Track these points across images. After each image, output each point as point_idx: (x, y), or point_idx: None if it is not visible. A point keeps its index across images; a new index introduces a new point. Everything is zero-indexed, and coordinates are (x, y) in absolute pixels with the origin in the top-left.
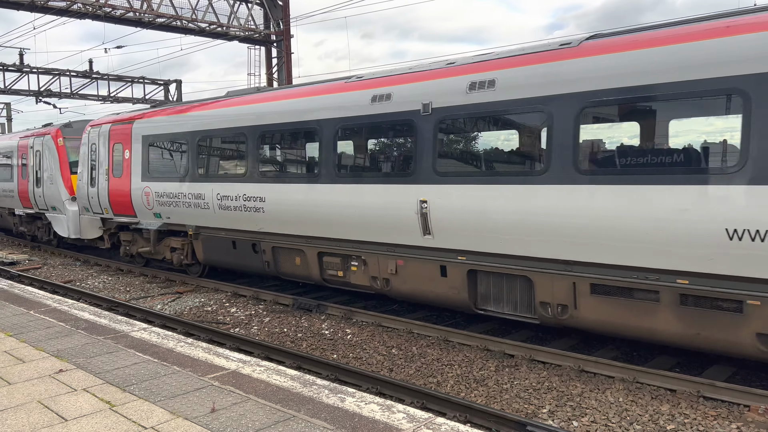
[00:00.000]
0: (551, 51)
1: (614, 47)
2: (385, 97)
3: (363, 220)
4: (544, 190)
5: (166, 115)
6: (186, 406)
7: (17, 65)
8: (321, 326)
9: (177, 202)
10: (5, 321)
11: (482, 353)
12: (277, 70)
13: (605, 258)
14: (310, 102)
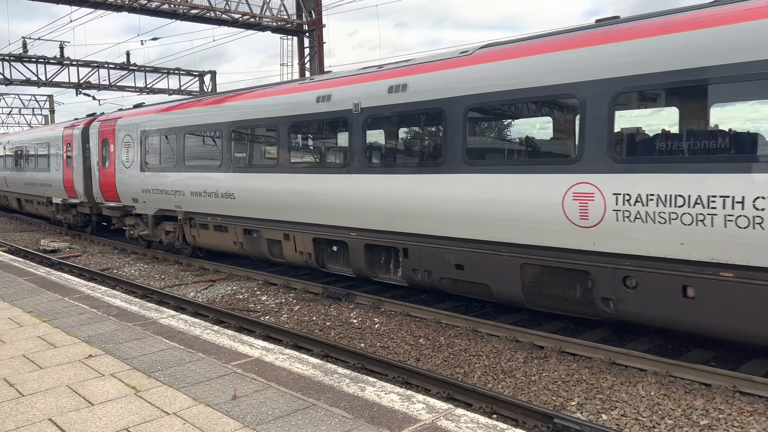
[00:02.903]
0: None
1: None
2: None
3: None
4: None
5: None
6: (208, 392)
7: (58, 58)
8: (349, 315)
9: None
10: (41, 307)
11: (511, 344)
12: (309, 60)
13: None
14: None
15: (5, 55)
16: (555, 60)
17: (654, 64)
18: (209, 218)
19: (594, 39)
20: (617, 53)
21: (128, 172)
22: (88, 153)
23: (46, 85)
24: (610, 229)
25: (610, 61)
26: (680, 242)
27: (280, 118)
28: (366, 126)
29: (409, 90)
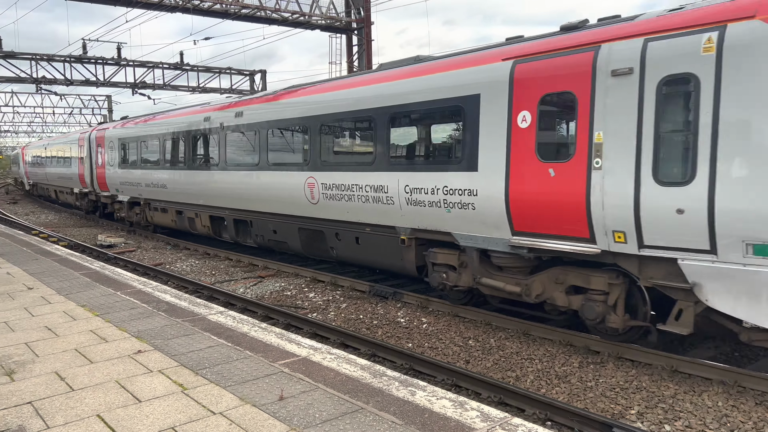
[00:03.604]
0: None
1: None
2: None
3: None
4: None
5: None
6: (255, 392)
7: (115, 59)
8: (397, 314)
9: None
10: (94, 301)
11: (565, 348)
12: (358, 59)
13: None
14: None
15: (66, 57)
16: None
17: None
18: (156, 203)
19: (369, 81)
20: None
21: (111, 169)
22: (92, 154)
23: (104, 85)
24: (322, 203)
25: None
26: (346, 211)
27: (183, 132)
28: (225, 137)
29: (244, 116)
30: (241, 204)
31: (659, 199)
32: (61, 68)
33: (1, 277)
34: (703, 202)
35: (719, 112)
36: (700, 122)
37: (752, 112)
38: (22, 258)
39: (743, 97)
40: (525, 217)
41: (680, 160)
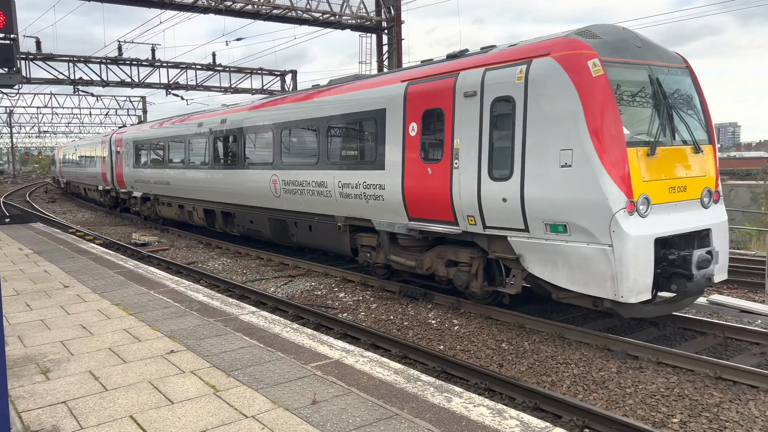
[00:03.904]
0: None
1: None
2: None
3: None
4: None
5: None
6: (287, 395)
7: (150, 60)
8: (428, 315)
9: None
10: (128, 300)
11: (602, 353)
12: (388, 58)
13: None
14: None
15: (102, 59)
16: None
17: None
18: (163, 198)
19: (315, 95)
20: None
21: (127, 168)
22: (112, 154)
23: (138, 86)
24: (283, 197)
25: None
26: (300, 203)
27: (182, 136)
28: (213, 141)
29: (227, 122)
30: (225, 198)
31: (492, 190)
32: (98, 70)
33: (38, 275)
34: (517, 193)
35: (525, 125)
36: (515, 133)
37: (543, 126)
38: (59, 256)
39: (539, 115)
40: (415, 206)
41: (504, 161)
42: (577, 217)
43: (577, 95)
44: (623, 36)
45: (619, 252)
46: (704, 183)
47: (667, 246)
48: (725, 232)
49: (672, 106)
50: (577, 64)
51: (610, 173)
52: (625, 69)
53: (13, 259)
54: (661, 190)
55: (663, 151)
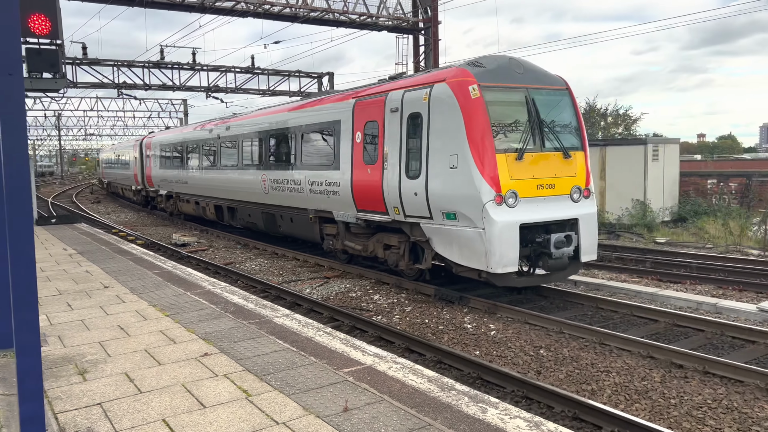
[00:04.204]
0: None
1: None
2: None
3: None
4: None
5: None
6: (319, 402)
7: (191, 64)
8: (463, 319)
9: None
10: (165, 301)
11: (645, 361)
12: (424, 59)
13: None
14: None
15: (145, 63)
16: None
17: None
18: (182, 195)
19: (292, 108)
20: (296, 116)
21: (155, 169)
22: (142, 157)
23: (180, 89)
24: (271, 194)
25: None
26: (283, 199)
27: (196, 141)
28: (219, 145)
29: (230, 129)
30: (229, 195)
31: (408, 187)
32: (141, 74)
33: (80, 275)
34: (423, 188)
35: (429, 136)
36: (423, 141)
37: (439, 136)
38: (100, 256)
39: (437, 127)
40: (360, 200)
41: (416, 163)
42: (462, 207)
43: (460, 113)
44: (506, 65)
45: (488, 234)
46: (573, 182)
47: (547, 232)
48: (592, 222)
49: (542, 120)
50: (461, 89)
51: (482, 173)
52: (501, 92)
53: (57, 259)
54: (528, 187)
55: (531, 156)
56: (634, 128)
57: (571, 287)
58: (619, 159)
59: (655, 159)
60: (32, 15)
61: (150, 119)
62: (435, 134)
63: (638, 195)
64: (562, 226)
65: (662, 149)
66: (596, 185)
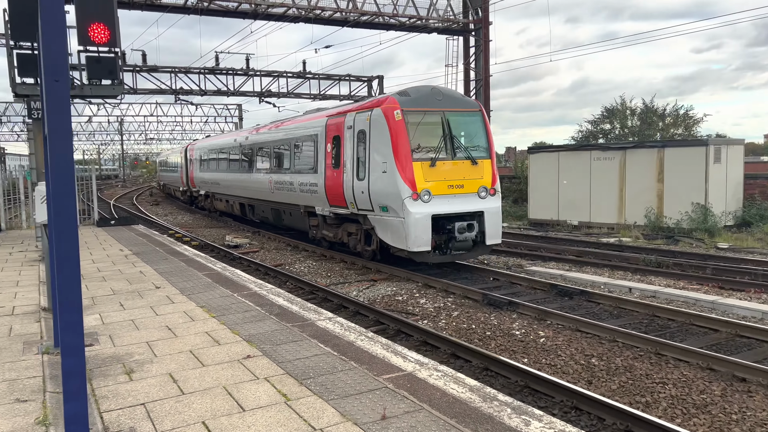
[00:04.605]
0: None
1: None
2: (235, 140)
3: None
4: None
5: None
6: (357, 408)
7: (244, 69)
8: (511, 326)
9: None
10: (212, 302)
11: (704, 373)
12: (474, 60)
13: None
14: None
15: (200, 69)
16: (293, 124)
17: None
18: (216, 195)
19: (311, 116)
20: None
21: (196, 172)
22: (187, 161)
23: (234, 94)
24: (275, 193)
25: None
26: (283, 197)
27: (224, 149)
28: (240, 153)
29: (248, 139)
30: (248, 194)
31: (358, 187)
32: (197, 80)
33: (134, 275)
34: (367, 188)
35: (370, 148)
36: (366, 152)
37: (376, 148)
38: (154, 258)
39: (374, 141)
40: (331, 197)
41: (362, 168)
42: (390, 202)
43: (388, 131)
44: (428, 93)
45: (406, 222)
46: (480, 183)
47: (459, 220)
48: (496, 214)
49: (454, 136)
50: (389, 113)
51: (402, 177)
52: (421, 115)
53: (114, 260)
54: (441, 187)
55: (443, 164)
56: (696, 129)
57: (626, 294)
58: (678, 161)
59: (717, 161)
60: (92, 24)
61: (206, 124)
62: (373, 147)
63: (699, 198)
64: (471, 217)
65: (725, 150)
66: (653, 188)
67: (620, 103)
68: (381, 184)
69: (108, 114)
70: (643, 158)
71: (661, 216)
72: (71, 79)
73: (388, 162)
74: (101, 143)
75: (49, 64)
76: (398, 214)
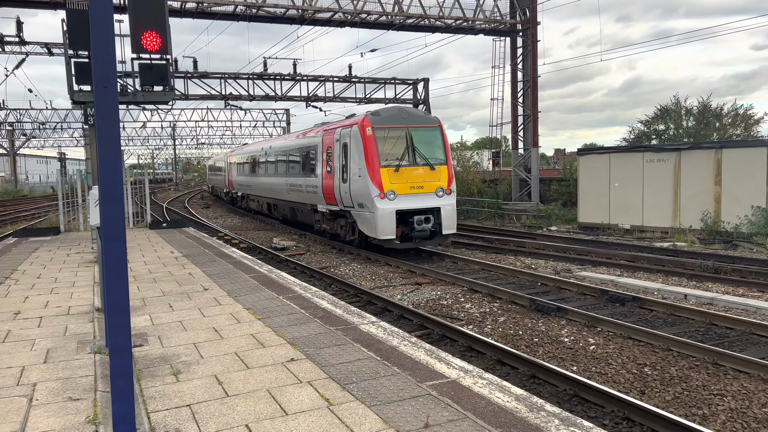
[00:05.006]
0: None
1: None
2: (262, 149)
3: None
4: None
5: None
6: (400, 415)
7: (291, 74)
8: (560, 332)
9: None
10: (258, 304)
11: (766, 385)
12: (522, 61)
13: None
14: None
15: (249, 74)
16: (299, 139)
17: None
18: (250, 195)
19: (311, 133)
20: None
21: (234, 176)
22: (228, 167)
23: (281, 99)
24: (291, 194)
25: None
26: (296, 196)
27: (253, 155)
28: (266, 159)
29: (272, 148)
30: (271, 195)
31: (343, 188)
32: (245, 85)
33: (183, 277)
34: (348, 188)
35: (350, 157)
36: (348, 160)
37: (354, 157)
38: (203, 260)
39: (353, 152)
40: (326, 196)
41: (345, 173)
42: (363, 200)
43: (362, 144)
44: (396, 113)
45: (376, 216)
46: (438, 185)
47: (420, 215)
48: (451, 209)
49: (415, 147)
50: (363, 130)
51: (372, 180)
52: (388, 130)
53: (165, 262)
54: (404, 188)
55: (406, 169)
56: (755, 129)
57: (681, 300)
58: (737, 162)
59: None
60: (145, 32)
61: (255, 128)
62: (352, 156)
63: (759, 201)
64: (430, 212)
65: None
66: (710, 191)
67: (674, 103)
68: (357, 186)
69: (161, 119)
70: (699, 160)
71: (718, 220)
72: (125, 85)
73: (362, 168)
74: (155, 148)
75: (98, 70)
76: (370, 209)
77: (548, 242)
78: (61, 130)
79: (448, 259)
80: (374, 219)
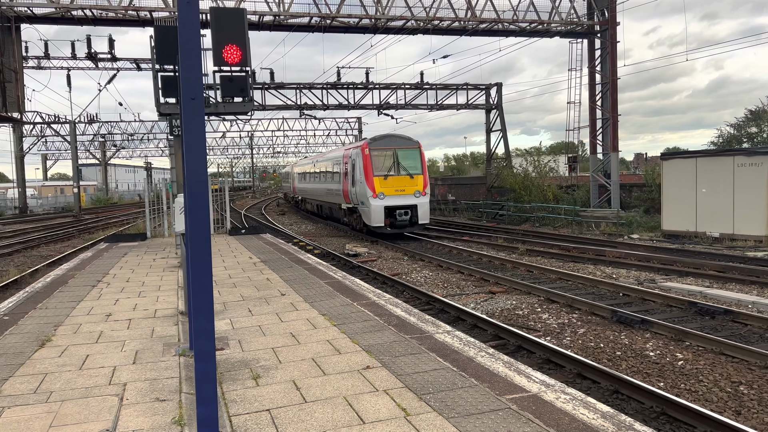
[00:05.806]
0: (324, 152)
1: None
2: (312, 162)
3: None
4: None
5: (299, 164)
6: (479, 429)
7: (363, 83)
8: (645, 346)
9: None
10: (333, 310)
11: None
12: (600, 63)
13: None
14: (303, 162)
15: (323, 84)
16: (332, 154)
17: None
18: (306, 199)
19: (338, 151)
20: (339, 154)
21: (296, 183)
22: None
23: (354, 108)
24: (327, 195)
25: (338, 154)
26: (331, 198)
27: (306, 166)
28: (314, 170)
29: (317, 161)
30: (317, 198)
31: (352, 191)
32: (319, 95)
33: (261, 282)
34: (355, 191)
35: (355, 169)
36: (356, 171)
37: (357, 169)
38: (280, 265)
39: (357, 166)
40: (345, 197)
41: (353, 180)
42: (363, 199)
43: (362, 160)
44: (388, 138)
45: (370, 210)
46: (415, 189)
47: (401, 209)
48: (425, 206)
49: (400, 162)
50: (363, 151)
51: (368, 186)
52: (381, 150)
53: (243, 267)
54: (391, 191)
55: (393, 178)
56: None
57: None
58: None
59: None
60: (227, 46)
61: (328, 137)
62: (356, 168)
63: None
64: (409, 208)
65: None
66: None
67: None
68: (359, 189)
69: (240, 129)
70: None
71: None
72: (207, 97)
73: (362, 177)
74: (234, 157)
75: (186, 83)
76: (366, 205)
77: (630, 251)
78: (148, 140)
79: (522, 268)
80: (370, 212)
